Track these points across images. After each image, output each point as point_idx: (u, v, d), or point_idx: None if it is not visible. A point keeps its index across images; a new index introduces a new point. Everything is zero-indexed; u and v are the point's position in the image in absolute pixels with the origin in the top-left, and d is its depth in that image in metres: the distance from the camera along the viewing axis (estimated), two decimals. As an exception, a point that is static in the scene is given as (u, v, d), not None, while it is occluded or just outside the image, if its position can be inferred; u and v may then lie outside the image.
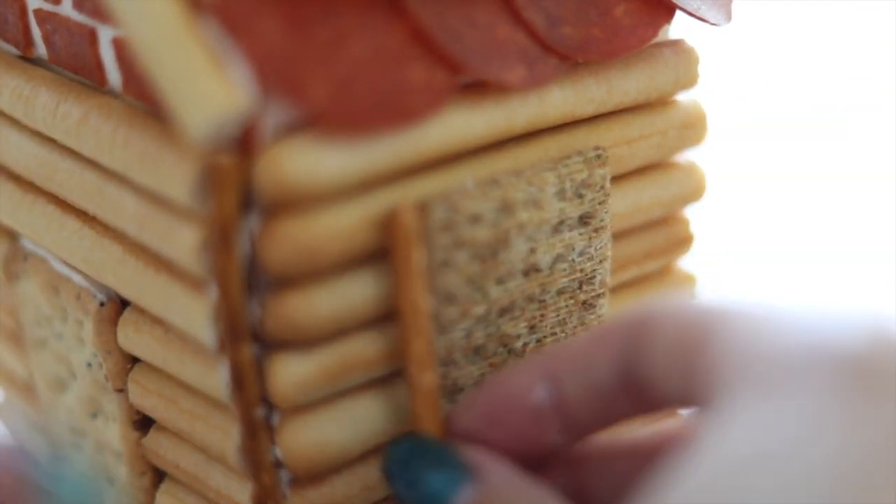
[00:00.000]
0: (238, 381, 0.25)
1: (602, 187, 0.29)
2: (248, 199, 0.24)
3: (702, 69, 0.31)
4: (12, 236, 0.32)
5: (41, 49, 0.30)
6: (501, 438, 0.25)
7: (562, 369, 0.25)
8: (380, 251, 0.25)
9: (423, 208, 0.25)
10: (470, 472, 0.24)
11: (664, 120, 0.31)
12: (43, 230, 0.30)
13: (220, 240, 0.24)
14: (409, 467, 0.25)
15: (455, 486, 0.24)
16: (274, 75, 0.23)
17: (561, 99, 0.28)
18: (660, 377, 0.23)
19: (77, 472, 0.24)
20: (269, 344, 0.25)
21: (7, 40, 0.31)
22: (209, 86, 0.23)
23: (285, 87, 0.23)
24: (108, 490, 0.26)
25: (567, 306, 0.29)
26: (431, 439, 0.26)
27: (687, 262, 0.33)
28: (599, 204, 0.29)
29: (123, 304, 0.29)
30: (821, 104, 0.67)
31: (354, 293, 0.25)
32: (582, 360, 0.24)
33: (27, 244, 0.32)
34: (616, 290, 0.32)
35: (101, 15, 0.27)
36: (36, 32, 0.29)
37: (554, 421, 0.25)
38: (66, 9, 0.28)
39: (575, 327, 0.29)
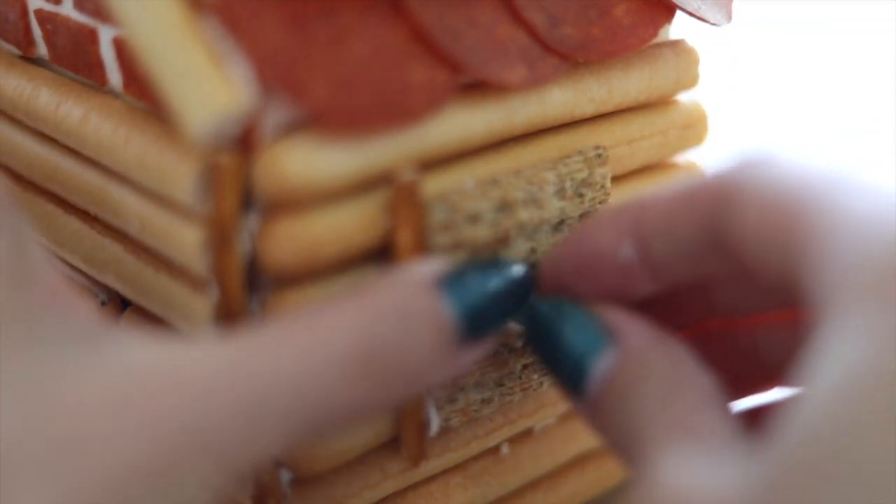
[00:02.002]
0: (238, 380, 0.25)
1: (602, 187, 0.29)
2: (248, 199, 0.24)
3: (702, 69, 0.31)
4: (13, 236, 0.32)
5: (42, 49, 0.30)
6: (591, 290, 0.25)
7: (648, 227, 0.24)
8: (379, 250, 0.26)
9: (422, 208, 0.25)
10: (611, 336, 0.24)
11: (665, 120, 0.31)
12: (43, 230, 0.30)
13: (220, 239, 0.24)
14: (550, 329, 0.25)
15: (596, 350, 0.24)
16: (274, 75, 0.23)
17: (561, 99, 0.28)
18: (753, 249, 0.22)
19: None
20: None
21: (8, 40, 0.31)
22: (210, 85, 0.23)
23: (285, 87, 0.23)
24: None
25: (567, 306, 0.29)
26: (572, 302, 0.25)
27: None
28: (600, 203, 0.29)
29: (124, 303, 0.29)
30: (822, 104, 0.67)
31: (355, 292, 0.25)
32: (667, 220, 0.24)
33: (28, 244, 0.32)
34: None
35: (102, 15, 0.27)
36: (37, 32, 0.30)
37: (643, 274, 0.25)
38: (67, 9, 0.28)
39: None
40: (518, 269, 0.25)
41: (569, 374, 0.24)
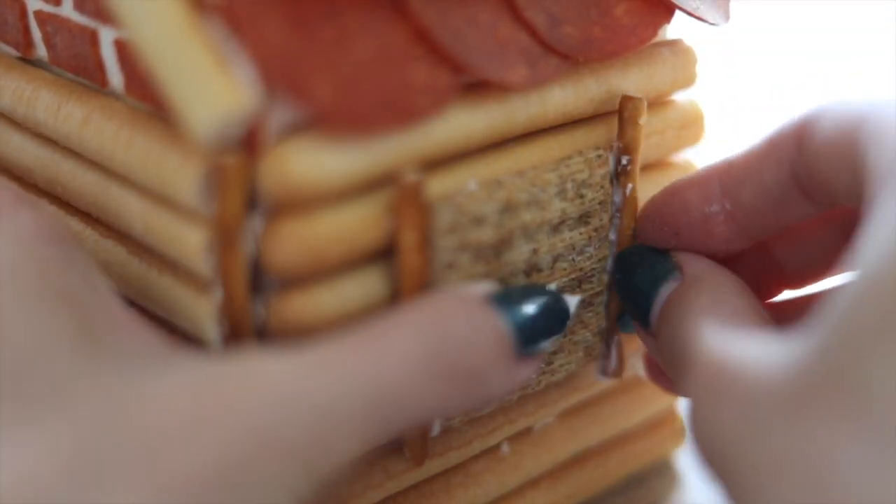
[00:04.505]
0: (242, 381, 0.25)
1: (602, 187, 0.29)
2: (252, 200, 0.24)
3: (699, 69, 0.32)
4: (12, 238, 0.32)
5: (41, 51, 0.30)
6: (679, 243, 0.28)
7: (736, 178, 0.27)
8: (384, 251, 0.26)
9: (426, 209, 0.26)
10: (676, 267, 0.28)
11: (662, 120, 0.31)
12: (43, 232, 0.30)
13: (224, 240, 0.24)
14: (628, 268, 0.29)
15: (663, 281, 0.28)
16: (278, 75, 0.23)
17: (561, 98, 0.28)
18: (826, 159, 0.25)
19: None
20: (274, 344, 0.25)
21: (7, 42, 0.30)
22: (214, 86, 0.23)
23: (289, 87, 0.23)
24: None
25: (568, 305, 0.29)
26: (651, 248, 0.29)
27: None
28: (599, 203, 0.29)
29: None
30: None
31: (358, 293, 0.25)
32: (755, 166, 0.27)
33: (27, 246, 0.32)
34: (616, 288, 0.32)
35: (103, 16, 0.27)
36: (36, 34, 0.29)
37: (729, 228, 0.27)
38: (67, 10, 0.28)
39: (573, 325, 0.30)
40: (555, 293, 0.27)
41: (638, 305, 0.28)
